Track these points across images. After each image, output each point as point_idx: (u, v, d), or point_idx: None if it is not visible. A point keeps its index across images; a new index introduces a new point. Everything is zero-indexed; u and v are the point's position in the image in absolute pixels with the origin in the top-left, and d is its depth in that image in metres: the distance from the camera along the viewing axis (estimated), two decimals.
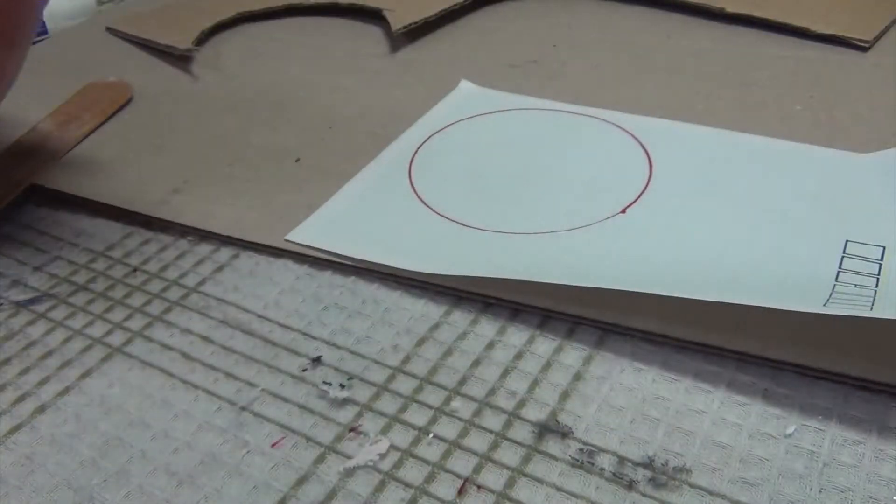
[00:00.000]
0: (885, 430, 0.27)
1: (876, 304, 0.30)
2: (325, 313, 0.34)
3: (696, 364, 0.30)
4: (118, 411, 0.31)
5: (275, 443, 0.29)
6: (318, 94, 0.50)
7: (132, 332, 0.34)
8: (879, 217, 0.35)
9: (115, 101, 0.51)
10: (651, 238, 0.35)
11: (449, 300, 0.34)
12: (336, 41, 0.58)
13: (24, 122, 0.49)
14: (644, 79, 0.49)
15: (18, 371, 0.33)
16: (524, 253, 0.35)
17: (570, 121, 0.45)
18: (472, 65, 0.52)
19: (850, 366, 0.28)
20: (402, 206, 0.39)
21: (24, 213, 0.43)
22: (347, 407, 0.30)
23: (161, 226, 0.41)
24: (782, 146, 0.41)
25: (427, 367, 0.31)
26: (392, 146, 0.44)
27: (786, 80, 0.47)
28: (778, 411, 0.28)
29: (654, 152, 0.41)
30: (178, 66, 0.56)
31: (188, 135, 0.47)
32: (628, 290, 0.30)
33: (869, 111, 0.43)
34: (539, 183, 0.40)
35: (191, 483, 0.28)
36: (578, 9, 0.59)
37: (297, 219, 0.39)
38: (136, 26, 0.61)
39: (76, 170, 0.45)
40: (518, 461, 0.27)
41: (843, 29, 0.50)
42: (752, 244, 0.34)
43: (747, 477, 0.26)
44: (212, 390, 0.31)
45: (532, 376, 0.30)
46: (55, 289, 0.37)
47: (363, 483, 0.27)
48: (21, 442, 0.30)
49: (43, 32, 0.64)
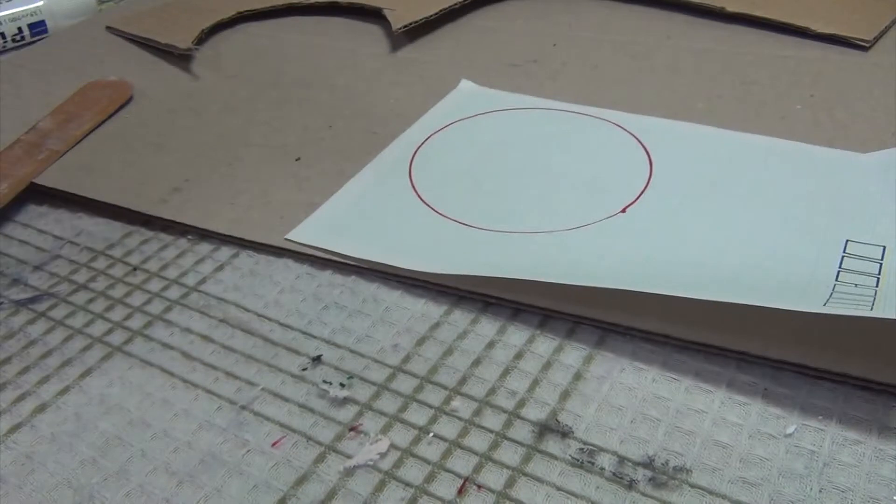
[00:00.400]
0: (885, 430, 0.27)
1: (876, 303, 0.30)
2: (326, 312, 0.34)
3: (697, 364, 0.30)
4: (118, 410, 0.31)
5: (275, 442, 0.29)
6: (318, 94, 0.50)
7: (132, 332, 0.34)
8: (879, 217, 0.35)
9: (116, 101, 0.51)
10: (651, 237, 0.35)
11: (449, 299, 0.34)
12: (336, 40, 0.57)
13: (25, 121, 0.49)
14: (644, 78, 0.49)
15: (18, 370, 0.33)
16: (524, 252, 0.35)
17: (571, 120, 0.45)
18: (472, 64, 0.52)
19: (850, 365, 0.28)
20: (402, 205, 0.39)
21: (25, 211, 0.43)
22: (347, 406, 0.30)
23: (161, 225, 0.41)
24: (782, 146, 0.41)
25: (427, 367, 0.31)
26: (392, 145, 0.44)
27: (786, 79, 0.47)
28: (778, 411, 0.28)
29: (655, 152, 0.41)
30: (178, 66, 0.56)
31: (188, 134, 0.47)
32: (629, 289, 0.30)
33: (869, 111, 0.43)
34: (539, 182, 0.40)
35: (191, 482, 0.28)
36: (579, 8, 0.59)
37: (298, 218, 0.39)
38: (137, 25, 0.61)
39: (76, 169, 0.45)
40: (518, 461, 0.27)
41: (844, 29, 0.50)
42: (752, 244, 0.34)
43: (747, 477, 0.26)
44: (212, 389, 0.31)
45: (532, 376, 0.30)
46: (55, 287, 0.37)
47: (363, 482, 0.27)
48: (21, 441, 0.30)
49: (43, 31, 0.64)
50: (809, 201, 0.37)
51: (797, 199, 0.37)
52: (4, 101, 0.53)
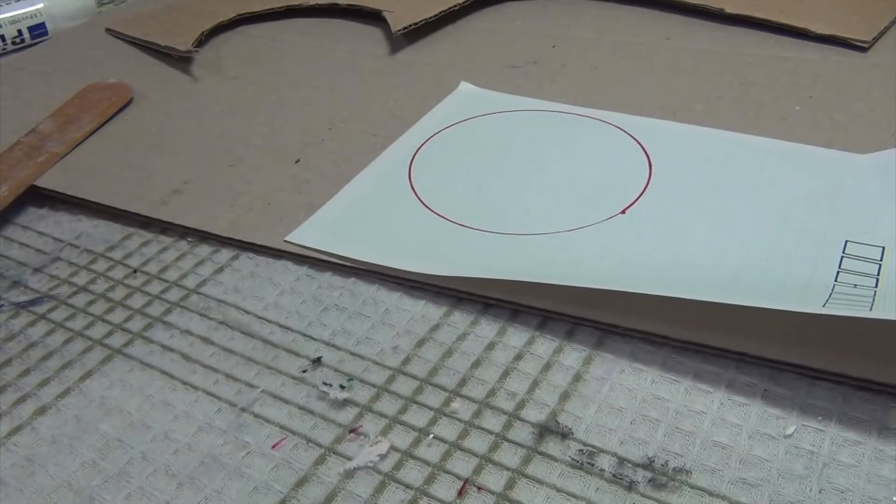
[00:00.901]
0: (885, 431, 0.27)
1: (875, 304, 0.30)
2: (325, 314, 0.34)
3: (696, 365, 0.30)
4: (118, 413, 0.31)
5: (275, 444, 0.29)
6: (318, 95, 0.51)
7: (132, 334, 0.34)
8: (879, 217, 0.35)
9: (116, 103, 0.51)
10: (651, 239, 0.35)
11: (449, 301, 0.34)
12: (336, 42, 0.58)
13: (25, 124, 0.49)
14: (643, 79, 0.49)
15: (19, 372, 0.33)
16: (524, 254, 0.35)
17: (570, 122, 0.45)
18: (471, 66, 0.52)
19: (849, 366, 0.28)
20: (402, 207, 0.39)
21: (25, 214, 0.43)
22: (347, 408, 0.30)
23: (161, 227, 0.41)
24: (782, 147, 0.41)
25: (427, 368, 0.31)
26: (392, 147, 0.44)
27: (785, 80, 0.47)
28: (777, 412, 0.28)
29: (654, 153, 0.41)
30: (178, 68, 0.56)
31: (188, 136, 0.47)
32: (628, 290, 0.30)
33: (868, 112, 0.43)
34: (539, 184, 0.40)
35: (191, 484, 0.28)
36: (578, 10, 0.59)
37: (297, 220, 0.39)
38: (137, 28, 0.61)
39: (76, 171, 0.45)
40: (518, 462, 0.27)
41: (843, 30, 0.50)
42: (751, 245, 0.34)
43: (747, 477, 0.26)
44: (212, 391, 0.31)
45: (532, 377, 0.30)
46: (55, 290, 0.37)
47: (363, 484, 0.27)
48: (21, 443, 0.30)
49: (43, 34, 0.64)
50: (809, 202, 0.37)
51: (796, 199, 0.37)
52: (4, 103, 0.53)
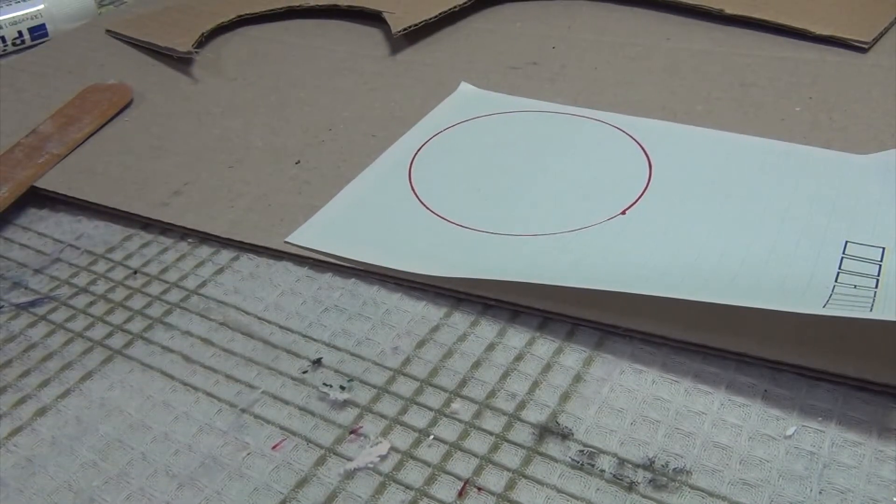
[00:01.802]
0: (885, 432, 0.27)
1: (875, 304, 0.30)
2: (326, 315, 0.34)
3: (696, 365, 0.30)
4: (119, 414, 0.31)
5: (275, 445, 0.29)
6: (318, 96, 0.51)
7: (133, 335, 0.34)
8: (879, 218, 0.35)
9: (116, 104, 0.51)
10: (651, 239, 0.35)
11: (449, 302, 0.34)
12: (336, 43, 0.58)
13: (25, 125, 0.49)
14: (643, 80, 0.49)
15: (19, 373, 0.33)
16: (524, 255, 0.35)
17: (570, 123, 0.45)
18: (471, 67, 0.52)
19: (849, 367, 0.28)
20: (402, 208, 0.39)
21: (25, 215, 0.43)
22: (348, 409, 0.30)
23: (161, 228, 0.41)
24: (782, 147, 0.41)
25: (427, 369, 0.31)
26: (392, 148, 0.44)
27: (785, 81, 0.47)
28: (778, 412, 0.28)
29: (654, 154, 0.41)
30: (178, 69, 0.56)
31: (188, 137, 0.47)
32: (628, 291, 0.30)
33: (868, 112, 0.43)
34: (539, 185, 0.40)
35: (191, 485, 0.28)
36: (578, 11, 0.59)
37: (297, 221, 0.39)
38: (137, 29, 0.61)
39: (76, 172, 0.45)
40: (518, 463, 0.27)
41: (842, 30, 0.50)
42: (751, 246, 0.34)
43: (747, 478, 0.26)
44: (212, 392, 0.31)
45: (532, 378, 0.30)
46: (56, 291, 0.37)
47: (364, 485, 0.27)
48: (22, 444, 0.30)
49: (43, 35, 0.64)
50: (808, 203, 0.37)
51: (796, 200, 0.37)
52: (4, 104, 0.53)
